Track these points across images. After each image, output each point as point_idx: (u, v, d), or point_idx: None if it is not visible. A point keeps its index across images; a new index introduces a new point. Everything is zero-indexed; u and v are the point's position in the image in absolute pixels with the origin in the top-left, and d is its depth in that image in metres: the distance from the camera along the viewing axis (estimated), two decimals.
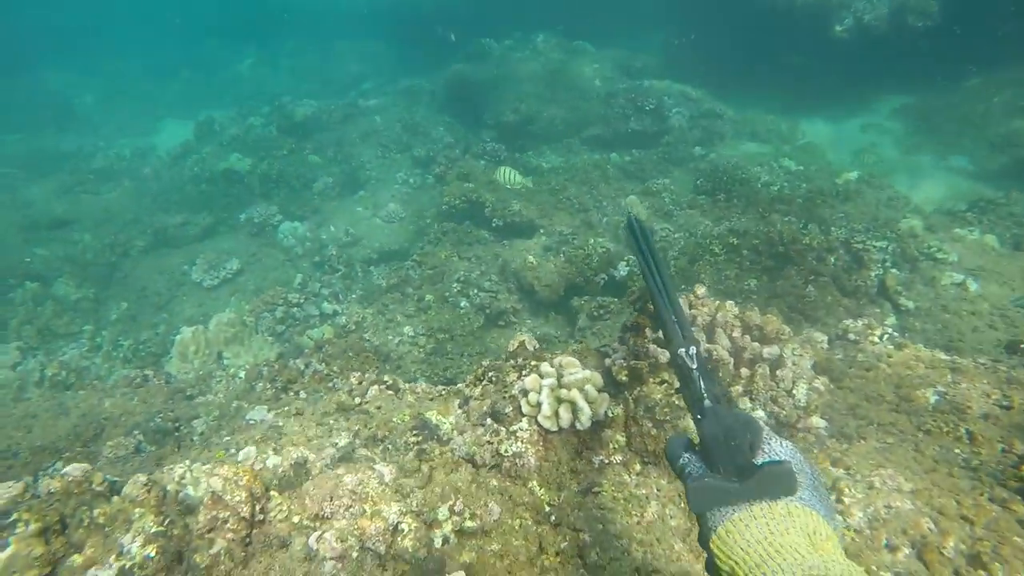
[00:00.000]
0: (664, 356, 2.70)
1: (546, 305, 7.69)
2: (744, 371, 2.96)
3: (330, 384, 5.79)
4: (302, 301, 8.08)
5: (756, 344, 2.94)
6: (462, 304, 7.60)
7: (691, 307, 3.07)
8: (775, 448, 1.20)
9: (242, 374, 6.04)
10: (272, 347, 7.17)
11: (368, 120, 15.11)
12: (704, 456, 1.24)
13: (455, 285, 7.79)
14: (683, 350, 1.40)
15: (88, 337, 9.01)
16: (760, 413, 2.92)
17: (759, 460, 1.18)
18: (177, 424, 5.33)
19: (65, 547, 2.43)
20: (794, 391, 2.92)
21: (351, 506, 2.20)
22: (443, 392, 3.31)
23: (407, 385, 3.43)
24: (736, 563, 1.04)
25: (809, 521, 1.06)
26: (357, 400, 3.32)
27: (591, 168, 10.46)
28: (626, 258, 8.02)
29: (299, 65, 22.31)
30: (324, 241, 10.86)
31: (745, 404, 2.92)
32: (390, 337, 7.12)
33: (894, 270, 6.43)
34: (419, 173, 12.70)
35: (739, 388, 2.90)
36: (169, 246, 11.54)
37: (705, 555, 1.15)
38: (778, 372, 2.94)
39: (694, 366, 1.38)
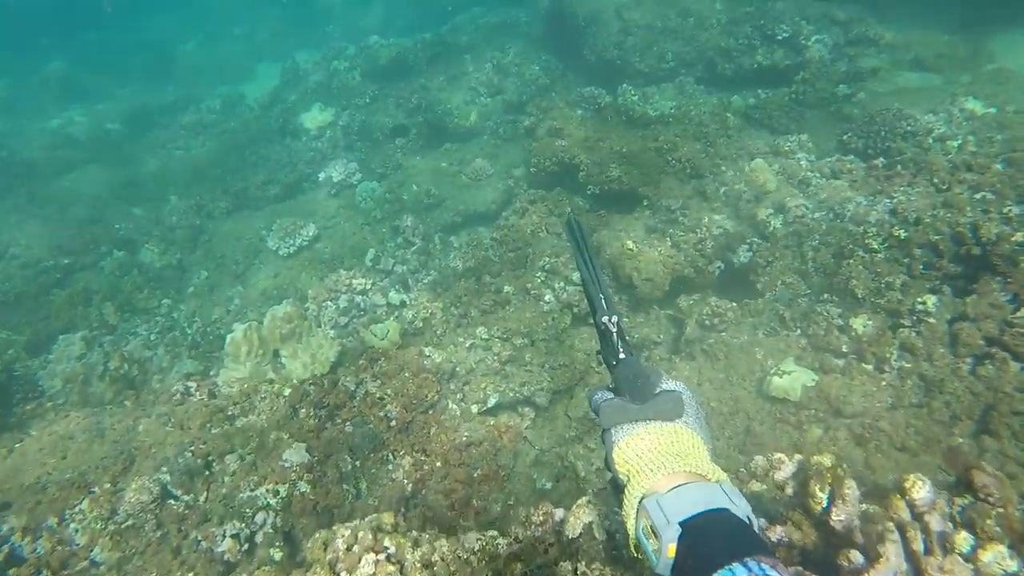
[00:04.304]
0: None
1: (648, 300, 6.38)
2: None
3: (381, 412, 4.90)
4: (368, 288, 7.22)
5: None
6: (546, 298, 6.44)
7: (903, 533, 1.76)
8: (670, 384, 1.46)
9: (287, 392, 5.27)
10: (333, 344, 6.37)
11: (457, 60, 13.77)
12: (616, 392, 1.48)
13: (539, 275, 6.62)
14: (606, 318, 1.58)
15: (163, 314, 8.70)
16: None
17: (657, 391, 1.43)
18: (209, 460, 4.65)
19: None
20: None
21: None
22: (469, 559, 2.23)
23: (415, 555, 2.35)
24: (631, 466, 1.30)
25: (691, 438, 1.34)
26: None
27: (708, 119, 8.73)
28: (748, 240, 6.50)
29: None
30: (405, 203, 9.93)
31: None
32: (460, 339, 6.11)
33: None
34: (511, 120, 11.38)
35: None
36: (251, 208, 11.10)
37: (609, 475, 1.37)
38: None
39: (615, 330, 1.57)
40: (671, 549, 1.09)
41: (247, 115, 15.05)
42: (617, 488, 1.36)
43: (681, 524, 1.10)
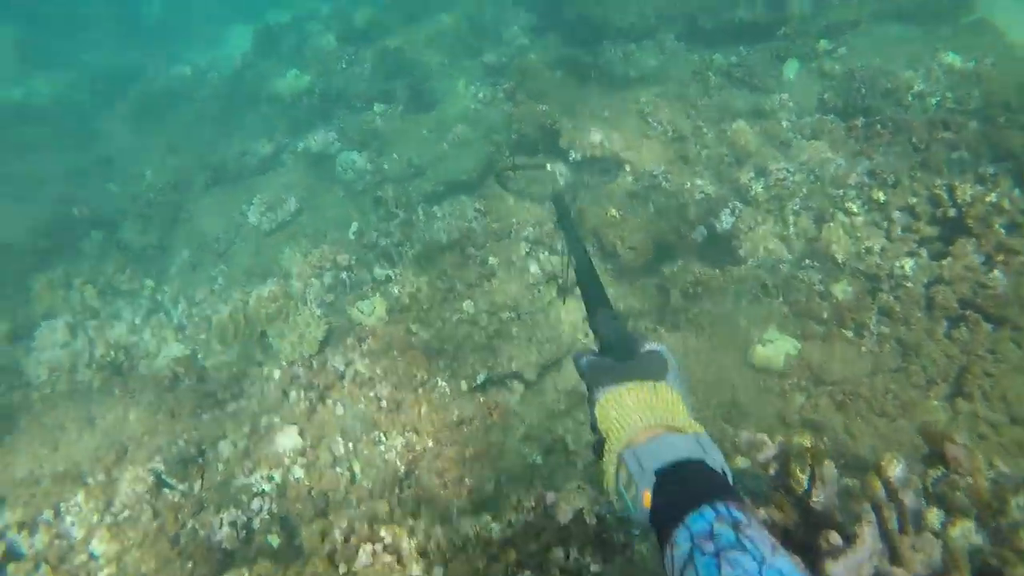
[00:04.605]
0: None
1: (632, 269, 6.42)
2: None
3: (371, 393, 4.96)
4: (352, 263, 7.20)
5: None
6: (531, 270, 6.47)
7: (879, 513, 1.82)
8: (653, 346, 1.48)
9: (276, 375, 5.30)
10: (320, 322, 6.37)
11: (435, 20, 13.43)
12: (601, 352, 1.53)
13: (523, 245, 6.63)
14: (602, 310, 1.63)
15: (147, 295, 8.63)
16: None
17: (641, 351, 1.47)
18: (201, 448, 4.71)
19: None
20: None
21: None
22: (464, 545, 2.30)
23: (411, 543, 2.42)
24: (610, 423, 1.33)
25: (670, 396, 1.36)
26: (342, 570, 2.37)
27: (689, 78, 8.65)
28: (730, 204, 6.50)
29: None
30: (386, 172, 9.79)
31: None
32: (447, 314, 6.14)
33: None
34: (491, 84, 11.17)
35: None
36: (229, 181, 10.90)
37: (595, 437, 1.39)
38: None
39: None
40: (647, 497, 1.13)
41: (218, 83, 14.65)
42: (599, 448, 1.39)
43: (656, 473, 1.14)
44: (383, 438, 4.67)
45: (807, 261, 5.37)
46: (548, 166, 7.93)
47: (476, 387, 5.51)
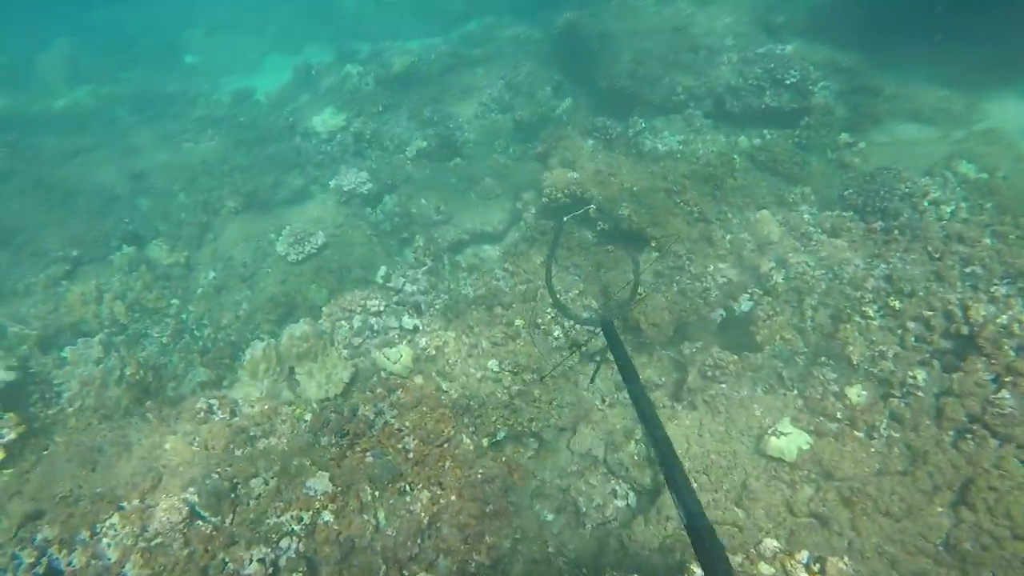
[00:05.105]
0: None
1: (652, 342, 6.68)
2: None
3: (400, 444, 5.16)
4: (382, 309, 7.45)
5: None
6: (555, 334, 6.72)
7: None
8: None
9: (307, 418, 5.51)
10: (347, 365, 6.60)
11: (470, 73, 14.00)
12: None
13: (549, 311, 6.90)
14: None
15: (173, 315, 8.85)
16: None
17: None
18: (235, 482, 4.88)
19: None
20: None
21: None
22: None
23: None
24: None
25: None
26: None
27: (715, 159, 9.05)
28: (750, 290, 6.82)
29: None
30: (414, 216, 10.13)
31: None
32: (472, 370, 6.38)
33: None
34: (520, 140, 11.62)
35: None
36: (259, 209, 11.20)
37: None
38: None
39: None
40: None
41: (256, 111, 15.12)
42: None
43: None
44: (409, 488, 4.86)
45: (823, 358, 5.64)
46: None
47: (495, 443, 5.73)
